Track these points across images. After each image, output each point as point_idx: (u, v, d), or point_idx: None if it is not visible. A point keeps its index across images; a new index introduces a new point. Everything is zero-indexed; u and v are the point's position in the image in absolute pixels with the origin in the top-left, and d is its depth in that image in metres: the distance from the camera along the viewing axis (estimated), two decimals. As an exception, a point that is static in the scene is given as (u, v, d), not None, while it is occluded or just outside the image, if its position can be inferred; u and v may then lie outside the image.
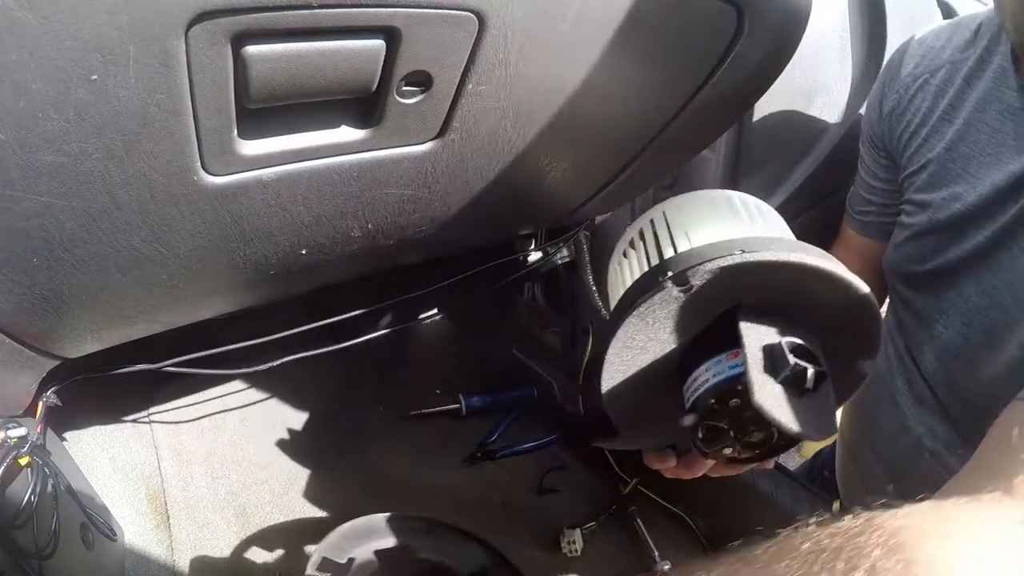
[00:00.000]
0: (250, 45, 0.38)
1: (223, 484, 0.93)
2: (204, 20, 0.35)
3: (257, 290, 0.68)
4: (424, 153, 0.55)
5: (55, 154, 0.37)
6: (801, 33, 0.65)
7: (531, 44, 0.48)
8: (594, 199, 0.80)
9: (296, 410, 1.07)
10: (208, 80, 0.39)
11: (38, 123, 0.35)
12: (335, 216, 0.58)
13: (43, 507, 0.61)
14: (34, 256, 0.44)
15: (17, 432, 0.59)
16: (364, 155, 0.52)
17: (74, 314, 0.53)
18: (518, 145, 0.59)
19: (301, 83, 0.42)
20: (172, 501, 0.90)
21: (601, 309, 0.93)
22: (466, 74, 0.48)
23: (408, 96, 0.48)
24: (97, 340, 0.61)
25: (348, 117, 0.49)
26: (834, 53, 0.97)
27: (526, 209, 0.75)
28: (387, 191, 0.57)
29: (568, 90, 0.55)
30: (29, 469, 0.60)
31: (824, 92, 0.99)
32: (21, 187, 0.38)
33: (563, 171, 0.68)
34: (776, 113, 0.96)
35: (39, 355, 0.57)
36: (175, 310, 0.63)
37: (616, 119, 0.63)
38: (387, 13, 0.41)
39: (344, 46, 0.41)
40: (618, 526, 0.93)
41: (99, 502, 0.81)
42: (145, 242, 0.48)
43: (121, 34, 0.33)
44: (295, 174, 0.50)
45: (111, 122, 0.37)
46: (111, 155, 0.39)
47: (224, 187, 0.47)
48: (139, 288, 0.53)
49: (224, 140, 0.43)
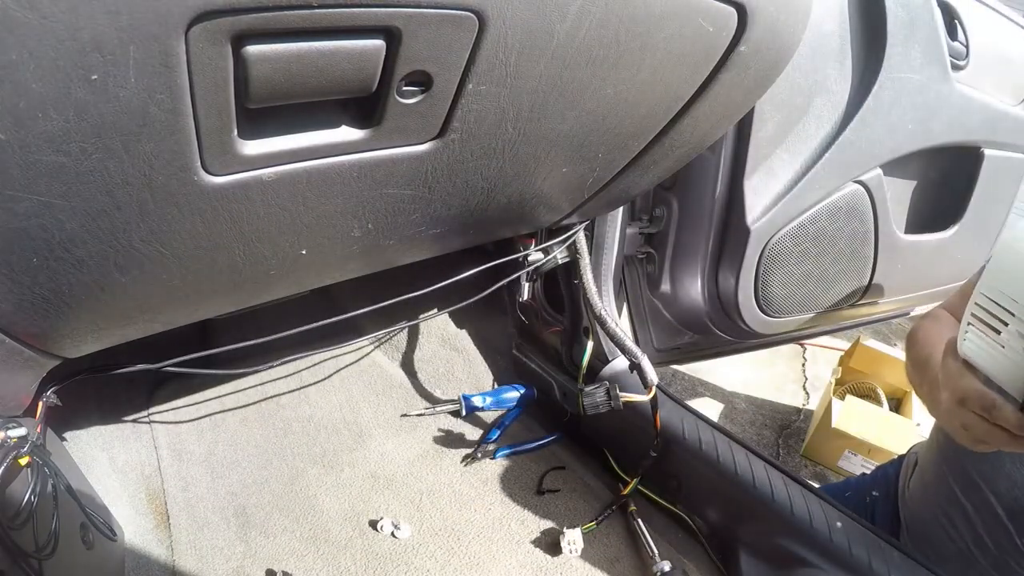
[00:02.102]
0: (250, 45, 0.38)
1: (223, 484, 0.93)
2: (204, 20, 0.35)
3: (257, 290, 0.68)
4: (424, 153, 0.55)
5: (55, 154, 0.37)
6: (801, 33, 0.65)
7: (531, 44, 0.48)
8: (594, 199, 0.80)
9: (296, 410, 1.07)
10: (208, 80, 0.39)
11: (38, 123, 0.35)
12: (335, 216, 0.58)
13: (43, 507, 0.61)
14: (34, 256, 0.44)
15: (17, 432, 0.59)
16: (364, 155, 0.52)
17: (74, 314, 0.53)
18: (518, 145, 0.59)
19: (301, 83, 0.42)
20: (172, 501, 0.90)
21: (601, 309, 0.93)
22: (466, 74, 0.48)
23: (408, 96, 0.48)
24: (97, 340, 0.61)
25: (348, 117, 0.49)
26: (834, 53, 0.97)
27: (526, 209, 0.75)
28: (387, 191, 0.57)
29: (568, 90, 0.55)
30: (29, 469, 0.60)
31: (824, 92, 0.99)
32: (21, 187, 0.38)
33: (563, 171, 0.68)
34: (776, 113, 0.96)
35: (39, 355, 0.57)
36: (175, 310, 0.63)
37: (616, 119, 0.63)
38: (387, 13, 0.41)
39: (344, 46, 0.41)
40: (618, 526, 0.93)
41: (99, 502, 0.81)
42: (145, 242, 0.48)
43: (121, 34, 0.33)
44: (295, 174, 0.49)
45: (111, 122, 0.37)
46: (111, 155, 0.39)
47: (224, 187, 0.47)
48: (139, 288, 0.53)
49: (224, 140, 0.43)
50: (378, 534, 0.89)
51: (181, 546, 0.84)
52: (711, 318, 1.14)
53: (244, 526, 0.88)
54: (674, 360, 1.45)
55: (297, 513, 0.91)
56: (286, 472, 0.97)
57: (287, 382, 1.11)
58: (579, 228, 0.96)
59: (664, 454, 0.92)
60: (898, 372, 1.96)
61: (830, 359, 2.26)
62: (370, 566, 0.85)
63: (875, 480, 1.13)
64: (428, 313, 1.20)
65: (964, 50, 1.09)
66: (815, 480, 1.80)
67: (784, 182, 1.02)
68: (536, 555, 0.88)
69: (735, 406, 2.05)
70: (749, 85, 0.67)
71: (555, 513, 0.95)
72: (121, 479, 0.91)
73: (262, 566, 0.83)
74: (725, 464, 0.88)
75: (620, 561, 0.89)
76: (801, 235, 1.07)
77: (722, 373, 2.15)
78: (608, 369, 1.03)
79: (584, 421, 1.03)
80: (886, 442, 1.72)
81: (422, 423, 1.09)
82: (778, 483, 0.85)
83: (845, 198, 1.08)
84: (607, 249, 1.03)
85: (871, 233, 1.15)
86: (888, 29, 0.97)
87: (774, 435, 1.97)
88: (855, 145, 1.03)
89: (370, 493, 0.95)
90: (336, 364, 1.16)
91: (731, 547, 0.88)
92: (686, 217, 1.08)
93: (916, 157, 1.13)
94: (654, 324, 1.23)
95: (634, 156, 0.71)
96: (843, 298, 1.21)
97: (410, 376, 1.18)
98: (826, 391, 1.92)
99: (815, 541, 0.79)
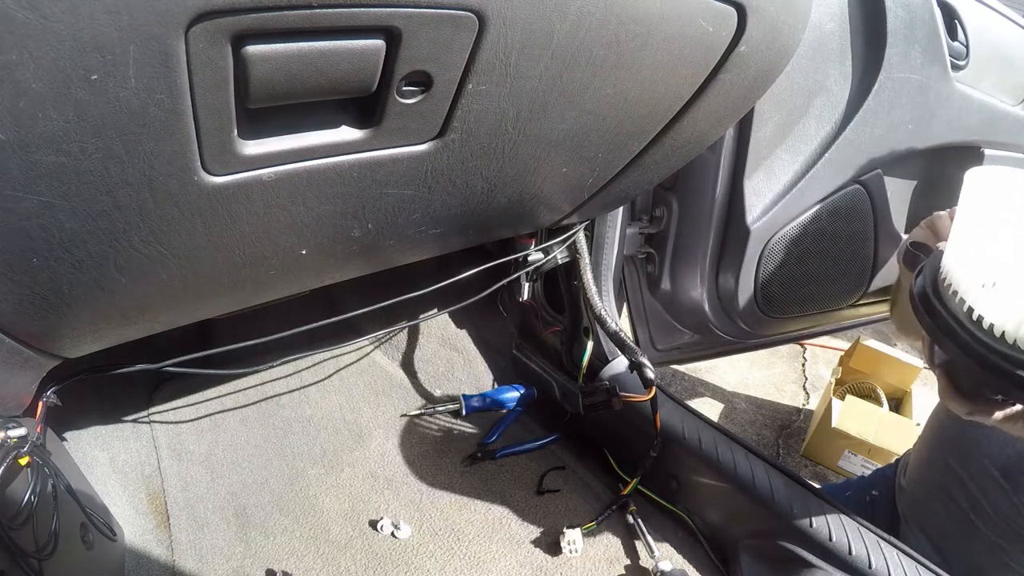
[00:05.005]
0: (250, 45, 0.38)
1: (223, 484, 0.93)
2: (204, 20, 0.35)
3: (257, 290, 0.68)
4: (424, 153, 0.55)
5: (55, 154, 0.37)
6: (801, 33, 0.65)
7: (531, 44, 0.48)
8: (594, 199, 0.80)
9: (296, 410, 1.07)
10: (208, 80, 0.39)
11: (38, 123, 0.35)
12: (335, 216, 0.58)
13: (43, 507, 0.61)
14: (34, 256, 0.44)
15: (17, 432, 0.59)
16: (364, 155, 0.52)
17: (74, 314, 0.52)
18: (518, 145, 0.59)
19: (301, 83, 0.42)
20: (172, 501, 0.90)
21: (601, 309, 0.93)
22: (466, 74, 0.48)
23: (408, 96, 0.48)
24: (97, 340, 0.61)
25: (348, 117, 0.49)
26: (834, 53, 0.97)
27: (526, 209, 0.75)
28: (387, 191, 0.57)
29: (568, 90, 0.55)
30: (29, 469, 0.60)
31: (824, 92, 0.99)
32: (21, 187, 0.38)
33: (563, 171, 0.68)
34: (776, 113, 0.96)
35: (39, 355, 0.57)
36: (175, 310, 0.63)
37: (616, 119, 0.63)
38: (387, 13, 0.41)
39: (344, 46, 0.41)
40: (618, 526, 0.93)
41: (99, 502, 0.81)
42: (145, 242, 0.48)
43: (121, 34, 0.33)
44: (295, 174, 0.49)
45: (111, 122, 0.37)
46: (111, 155, 0.39)
47: (224, 187, 0.47)
48: (139, 288, 0.53)
49: (224, 140, 0.43)
50: (378, 534, 0.89)
51: (181, 546, 0.84)
52: (711, 318, 1.14)
53: (244, 526, 0.88)
54: (674, 360, 1.45)
55: (297, 513, 0.91)
56: (286, 472, 0.97)
57: (287, 382, 1.11)
58: (579, 228, 0.96)
59: (664, 454, 0.92)
60: (898, 372, 1.96)
61: (830, 359, 2.26)
62: (370, 566, 0.85)
63: (875, 480, 1.13)
64: (428, 313, 1.20)
65: (964, 50, 1.09)
66: (815, 480, 1.80)
67: (784, 182, 1.02)
68: (536, 555, 0.88)
69: (735, 406, 2.05)
70: (749, 85, 0.67)
71: (555, 513, 0.95)
72: (121, 479, 0.91)
73: (262, 566, 0.83)
74: (725, 464, 0.88)
75: (620, 561, 0.89)
76: (801, 235, 1.07)
77: (722, 373, 2.15)
78: (608, 369, 1.03)
79: (584, 421, 1.03)
80: (886, 442, 1.72)
81: (422, 423, 1.09)
82: (778, 483, 0.85)
83: (845, 198, 1.08)
84: (607, 249, 1.03)
85: (871, 233, 1.15)
86: (888, 29, 0.97)
87: (774, 435, 1.97)
88: (855, 145, 1.03)
89: (370, 493, 0.95)
90: (336, 364, 1.16)
91: (731, 547, 0.88)
92: (686, 217, 1.08)
93: (916, 157, 1.13)
94: (654, 324, 1.23)
95: (634, 156, 0.71)
96: (843, 298, 1.21)
97: (410, 376, 1.18)
98: (826, 391, 1.92)
99: (815, 541, 0.79)
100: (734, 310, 1.10)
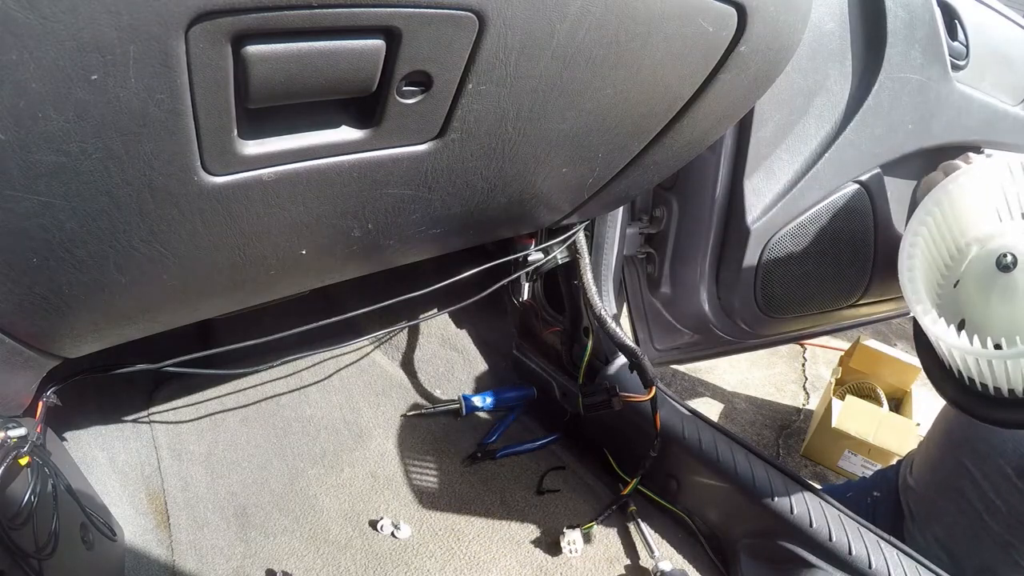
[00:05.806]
0: (250, 45, 0.38)
1: (223, 484, 0.93)
2: (204, 20, 0.35)
3: (257, 290, 0.68)
4: (424, 153, 0.55)
5: (55, 154, 0.37)
6: (801, 33, 0.65)
7: (531, 44, 0.48)
8: (594, 199, 0.80)
9: (296, 410, 1.07)
10: (208, 80, 0.39)
11: (38, 123, 0.35)
12: (335, 216, 0.58)
13: (43, 507, 0.61)
14: (34, 256, 0.44)
15: (17, 432, 0.59)
16: (364, 155, 0.52)
17: (74, 314, 0.52)
18: (518, 145, 0.59)
19: (301, 83, 0.42)
20: (172, 501, 0.90)
21: (600, 309, 0.93)
22: (466, 74, 0.48)
23: (408, 96, 0.48)
24: (97, 340, 0.61)
25: (348, 117, 0.49)
26: (834, 53, 0.97)
27: (526, 209, 0.75)
28: (387, 191, 0.57)
29: (568, 90, 0.55)
30: (29, 469, 0.60)
31: (824, 92, 0.99)
32: (21, 187, 0.38)
33: (563, 171, 0.68)
34: (776, 113, 0.96)
35: (39, 355, 0.57)
36: (175, 310, 0.63)
37: (616, 119, 0.63)
38: (387, 13, 0.41)
39: (344, 46, 0.41)
40: (618, 526, 0.93)
41: (99, 502, 0.81)
42: (145, 242, 0.48)
43: (121, 34, 0.33)
44: (295, 174, 0.49)
45: (111, 122, 0.37)
46: (111, 155, 0.39)
47: (224, 187, 0.47)
48: (139, 288, 0.53)
49: (224, 140, 0.43)
50: (378, 534, 0.89)
51: (181, 546, 0.84)
52: (711, 318, 1.14)
53: (244, 526, 0.88)
54: (674, 360, 1.45)
55: (297, 513, 0.91)
56: (286, 472, 0.97)
57: (287, 382, 1.11)
58: (579, 228, 0.96)
59: (664, 454, 0.92)
60: (898, 372, 1.96)
61: (830, 359, 2.26)
62: (370, 566, 0.85)
63: (876, 481, 1.14)
64: (428, 313, 1.20)
65: (964, 50, 1.08)
66: (815, 480, 1.80)
67: (784, 182, 1.02)
68: (536, 555, 0.88)
69: (735, 406, 2.05)
70: (749, 85, 0.67)
71: (555, 513, 0.95)
72: (121, 479, 0.91)
73: (262, 566, 0.83)
74: (725, 464, 0.88)
75: (620, 561, 0.89)
76: (801, 235, 1.07)
77: (722, 373, 2.15)
78: (608, 369, 1.03)
79: (584, 421, 1.03)
80: (886, 442, 1.72)
81: (422, 423, 1.09)
82: (778, 483, 0.85)
83: (845, 198, 1.08)
84: (607, 249, 1.03)
85: (871, 233, 1.15)
86: (888, 29, 0.97)
87: (774, 435, 1.97)
88: (855, 145, 1.03)
89: (370, 493, 0.95)
90: (336, 364, 1.16)
91: (731, 547, 0.88)
92: (686, 217, 1.08)
93: (916, 157, 1.13)
94: (654, 324, 1.23)
95: (634, 156, 0.71)
96: (843, 298, 1.21)
97: (410, 376, 1.18)
98: (826, 391, 1.92)
99: (815, 541, 0.79)
100: (734, 310, 1.10)
